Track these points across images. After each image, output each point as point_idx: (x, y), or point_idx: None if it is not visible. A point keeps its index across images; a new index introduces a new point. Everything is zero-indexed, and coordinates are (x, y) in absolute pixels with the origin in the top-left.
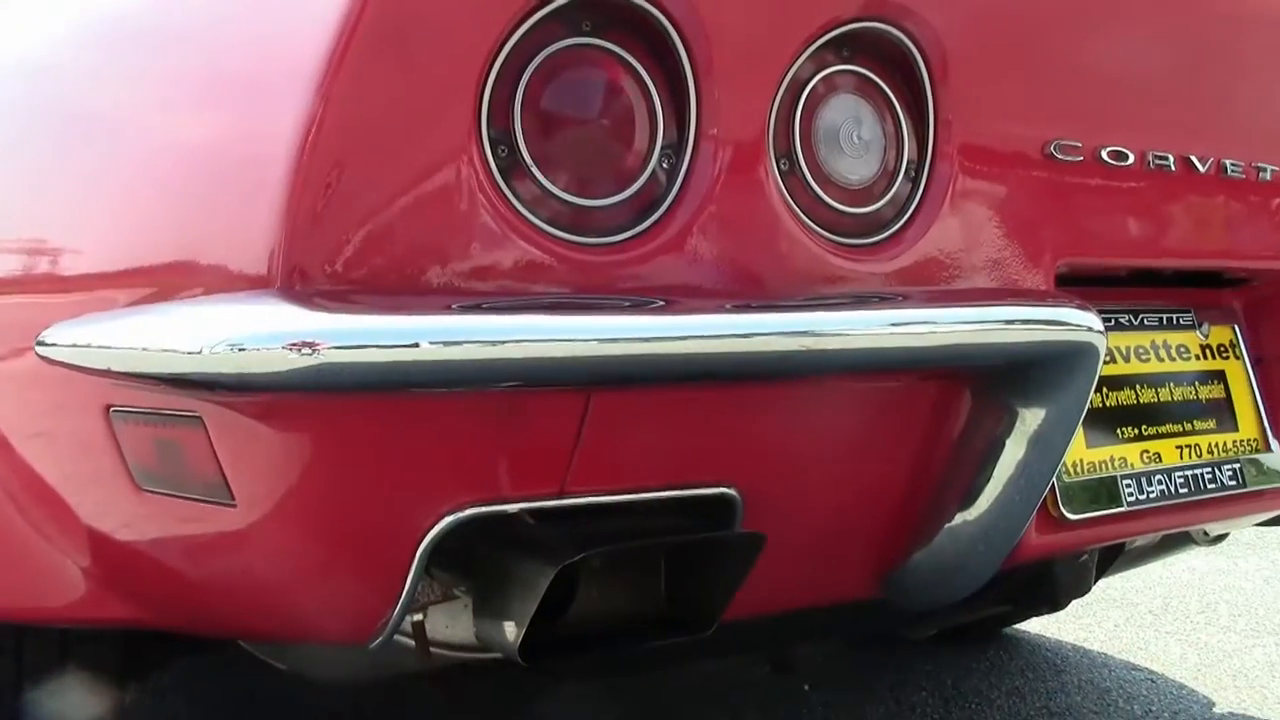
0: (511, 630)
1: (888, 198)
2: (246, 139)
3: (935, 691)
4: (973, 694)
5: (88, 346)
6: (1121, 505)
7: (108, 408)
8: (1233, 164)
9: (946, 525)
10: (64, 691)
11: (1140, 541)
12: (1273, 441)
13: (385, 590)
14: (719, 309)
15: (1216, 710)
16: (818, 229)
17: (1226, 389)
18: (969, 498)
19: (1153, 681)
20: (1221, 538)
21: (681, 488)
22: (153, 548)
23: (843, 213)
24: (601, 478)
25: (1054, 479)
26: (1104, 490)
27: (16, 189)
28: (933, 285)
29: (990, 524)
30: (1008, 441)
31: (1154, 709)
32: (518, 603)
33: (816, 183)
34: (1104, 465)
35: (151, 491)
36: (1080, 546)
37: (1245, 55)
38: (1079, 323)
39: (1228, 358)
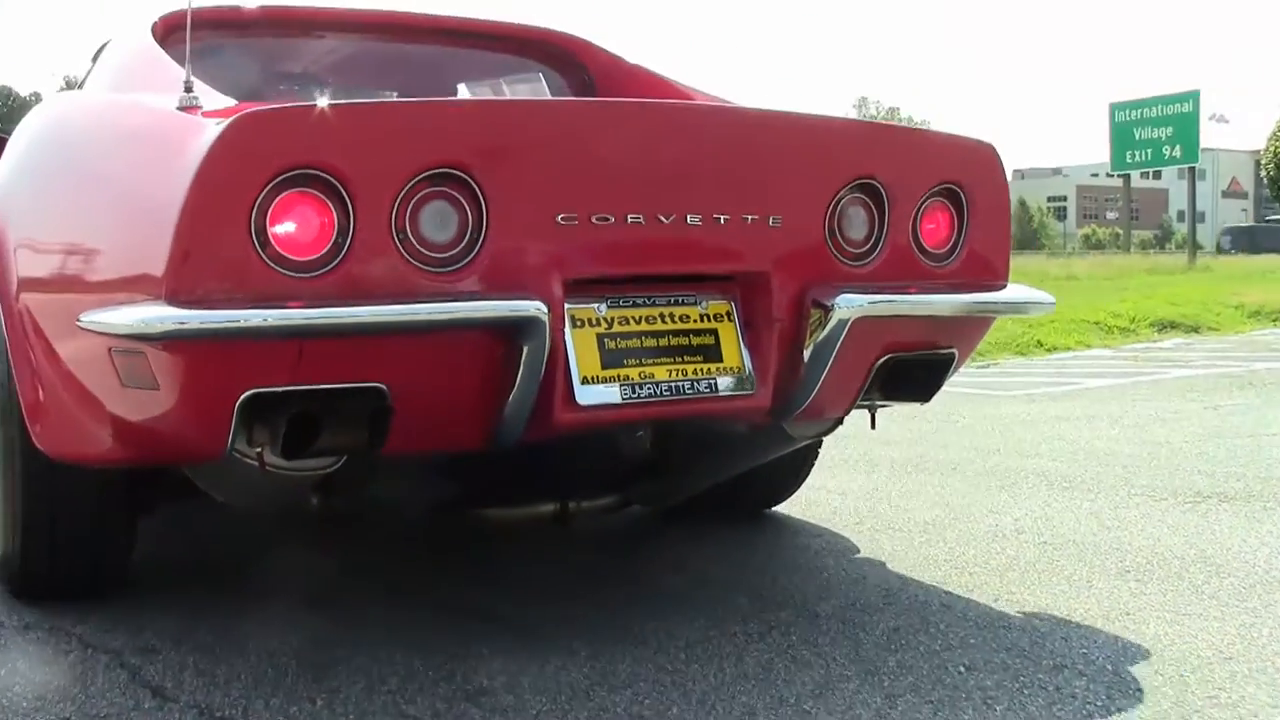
0: (278, 448)
1: (461, 247)
2: (155, 222)
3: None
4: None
5: (101, 323)
6: (618, 401)
7: (110, 348)
8: (692, 217)
9: (500, 407)
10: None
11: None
12: (749, 368)
13: (222, 428)
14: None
15: None
16: (419, 265)
17: (717, 338)
18: (506, 389)
19: None
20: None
21: (359, 382)
22: (130, 413)
23: (433, 256)
24: (312, 377)
25: (573, 379)
26: (606, 390)
27: (55, 222)
28: (490, 292)
29: (522, 403)
30: (521, 362)
31: None
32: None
33: (420, 245)
34: (610, 379)
35: (129, 386)
36: (591, 425)
37: (701, 151)
38: (528, 310)
39: (721, 321)
